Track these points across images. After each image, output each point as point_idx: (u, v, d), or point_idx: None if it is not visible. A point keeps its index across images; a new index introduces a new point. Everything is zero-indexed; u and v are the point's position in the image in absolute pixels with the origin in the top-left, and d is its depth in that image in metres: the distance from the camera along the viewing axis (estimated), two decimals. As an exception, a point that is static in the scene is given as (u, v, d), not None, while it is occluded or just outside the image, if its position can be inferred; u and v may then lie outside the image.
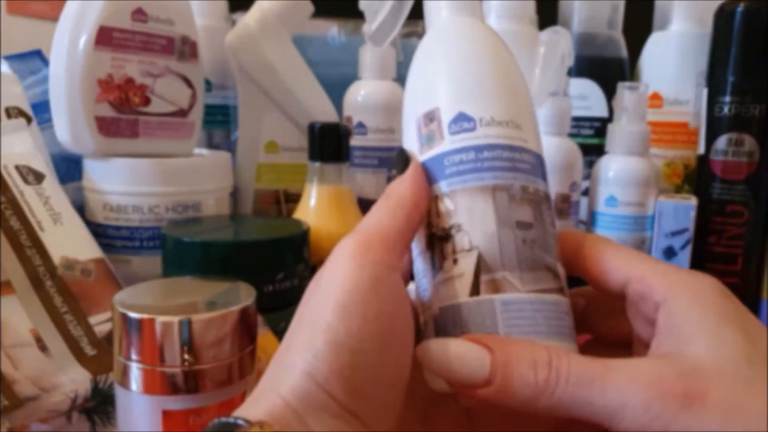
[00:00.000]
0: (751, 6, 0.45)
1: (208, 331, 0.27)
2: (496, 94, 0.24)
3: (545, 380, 0.20)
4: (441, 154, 0.24)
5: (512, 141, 0.24)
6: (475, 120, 0.24)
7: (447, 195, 0.23)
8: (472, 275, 0.22)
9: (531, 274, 0.22)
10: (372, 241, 0.21)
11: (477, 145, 0.23)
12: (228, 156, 0.50)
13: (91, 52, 0.42)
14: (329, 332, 0.20)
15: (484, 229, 0.22)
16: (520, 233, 0.22)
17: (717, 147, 0.46)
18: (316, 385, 0.19)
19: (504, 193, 0.23)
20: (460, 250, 0.23)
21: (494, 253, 0.22)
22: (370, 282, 0.20)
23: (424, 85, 0.26)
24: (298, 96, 0.52)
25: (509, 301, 0.22)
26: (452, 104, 0.24)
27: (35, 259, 0.36)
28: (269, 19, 0.51)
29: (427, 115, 0.25)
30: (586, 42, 0.58)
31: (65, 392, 0.32)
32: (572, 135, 0.51)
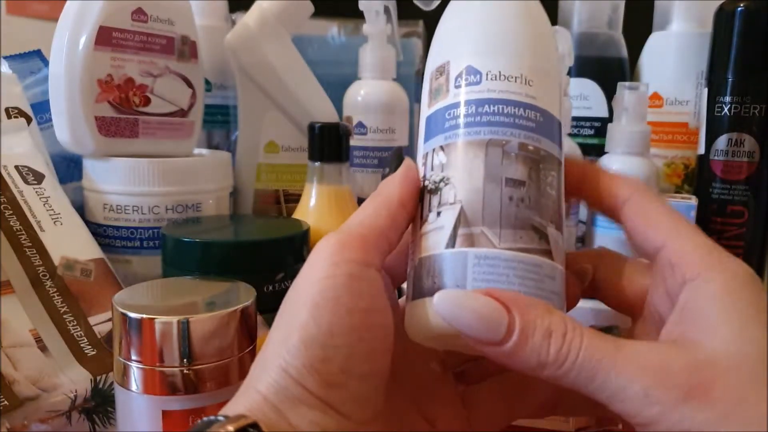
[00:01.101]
0: (751, 6, 0.45)
1: (207, 332, 0.27)
2: (510, 49, 0.24)
3: (557, 352, 0.20)
4: (444, 108, 0.24)
5: (518, 97, 0.23)
6: (481, 73, 0.23)
7: (443, 148, 0.23)
8: (452, 228, 0.22)
9: (512, 231, 0.22)
10: (349, 240, 0.22)
11: (479, 99, 0.23)
12: (228, 156, 0.50)
13: (91, 52, 0.42)
14: (302, 329, 0.21)
15: (471, 184, 0.22)
16: (508, 190, 0.22)
17: (717, 147, 0.46)
18: (291, 380, 0.20)
19: (498, 148, 0.22)
20: (444, 203, 0.23)
21: (477, 207, 0.22)
22: (343, 279, 0.21)
23: (440, 42, 0.26)
24: (298, 96, 0.52)
25: (482, 256, 0.21)
26: (462, 58, 0.24)
27: (35, 260, 0.36)
28: (269, 19, 0.51)
29: (438, 69, 0.25)
30: (587, 42, 0.58)
31: (65, 392, 0.32)
32: (572, 135, 0.51)
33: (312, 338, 0.20)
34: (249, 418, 0.19)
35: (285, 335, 0.21)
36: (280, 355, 0.21)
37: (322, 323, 0.20)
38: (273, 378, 0.21)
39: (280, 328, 0.22)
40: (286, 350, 0.21)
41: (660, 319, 0.23)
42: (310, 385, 0.20)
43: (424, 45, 0.62)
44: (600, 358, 0.19)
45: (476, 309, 0.20)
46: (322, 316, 0.21)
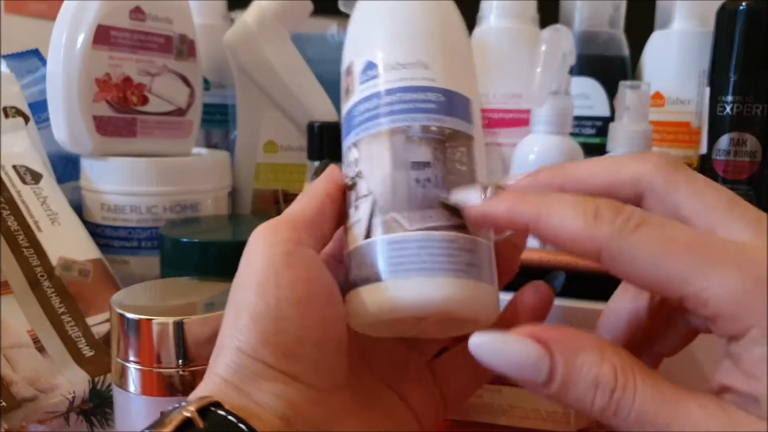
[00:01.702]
0: (753, 5, 0.44)
1: (205, 333, 0.27)
2: (402, 38, 0.25)
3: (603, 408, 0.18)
4: (352, 106, 0.25)
5: (415, 81, 0.24)
6: (378, 66, 0.24)
7: (355, 144, 0.24)
8: (367, 219, 0.23)
9: (420, 212, 0.22)
10: (279, 225, 0.24)
11: (378, 92, 0.24)
12: (227, 155, 0.50)
13: (89, 51, 0.42)
14: (250, 308, 0.21)
15: (380, 174, 0.23)
16: (414, 173, 0.23)
17: (719, 147, 0.46)
18: (247, 357, 0.21)
19: (402, 135, 0.23)
20: (360, 196, 0.23)
21: (387, 195, 0.23)
22: (280, 257, 0.22)
23: (346, 42, 0.27)
24: (298, 95, 0.52)
25: (394, 240, 0.22)
26: (363, 55, 0.25)
27: (33, 260, 0.36)
28: (268, 17, 0.50)
29: (345, 69, 0.26)
30: (588, 41, 0.58)
31: (63, 393, 0.32)
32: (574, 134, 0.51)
33: (261, 314, 0.21)
34: (210, 397, 0.20)
35: (235, 318, 0.22)
36: (233, 336, 0.21)
37: (269, 299, 0.21)
38: (229, 359, 0.21)
39: (230, 314, 0.23)
40: (238, 331, 0.21)
41: None
42: (267, 358, 0.21)
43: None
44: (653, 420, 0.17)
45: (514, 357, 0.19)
46: (267, 292, 0.21)
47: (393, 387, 0.26)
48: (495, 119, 0.56)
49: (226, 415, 0.20)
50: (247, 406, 0.20)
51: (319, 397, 0.22)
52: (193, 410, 0.19)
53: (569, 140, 0.49)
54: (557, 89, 0.47)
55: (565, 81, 0.48)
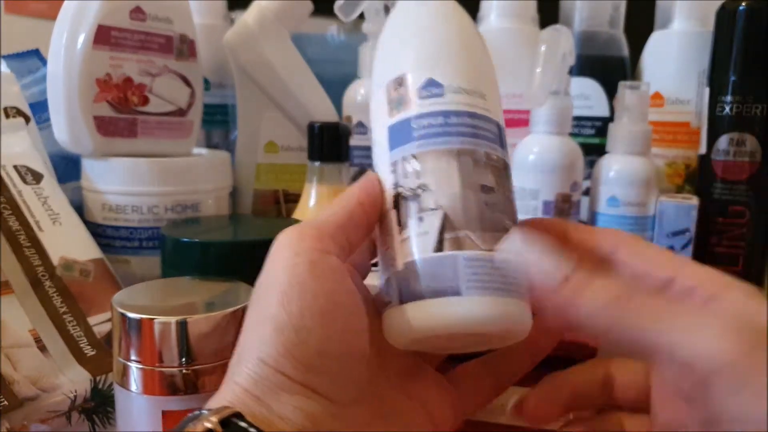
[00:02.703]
0: (753, 5, 0.44)
1: (207, 332, 0.27)
2: (463, 64, 0.25)
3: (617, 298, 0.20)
4: (410, 118, 0.25)
5: (477, 109, 0.25)
6: (443, 86, 0.25)
7: (415, 156, 0.24)
8: (437, 232, 0.23)
9: (491, 234, 0.23)
10: (305, 232, 0.23)
11: (445, 110, 0.24)
12: (227, 156, 0.50)
13: (89, 51, 0.42)
14: (273, 318, 0.21)
15: (450, 190, 0.23)
16: (483, 196, 0.24)
17: (719, 147, 0.46)
18: (269, 368, 0.21)
19: (469, 157, 0.24)
20: (425, 209, 0.23)
21: (458, 212, 0.23)
22: (305, 266, 0.22)
23: (394, 53, 0.27)
24: (298, 95, 0.52)
25: (471, 258, 0.23)
26: (422, 70, 0.25)
27: (34, 260, 0.36)
28: (268, 17, 0.50)
29: (396, 80, 0.26)
30: (588, 41, 0.58)
31: (65, 393, 0.32)
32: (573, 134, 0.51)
33: (284, 325, 0.21)
34: (232, 408, 0.20)
35: (257, 327, 0.22)
36: (254, 346, 0.21)
37: (292, 309, 0.21)
38: (250, 369, 0.21)
39: (252, 323, 0.22)
40: (260, 340, 0.21)
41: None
42: (288, 371, 0.21)
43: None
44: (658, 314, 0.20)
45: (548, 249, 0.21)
46: (291, 302, 0.21)
47: (412, 395, 0.26)
48: (495, 119, 0.56)
49: (248, 426, 0.19)
50: (268, 418, 0.20)
51: (338, 411, 0.22)
52: (216, 421, 0.19)
53: (569, 140, 0.49)
54: (557, 89, 0.47)
55: (565, 81, 0.48)
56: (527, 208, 0.47)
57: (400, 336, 0.23)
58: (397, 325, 0.23)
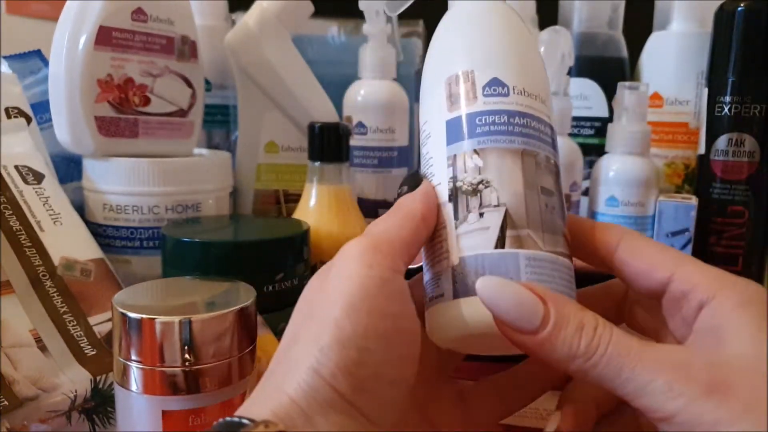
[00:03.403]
0: (751, 6, 0.45)
1: (207, 332, 0.27)
2: (526, 68, 0.26)
3: (587, 345, 0.20)
4: (474, 113, 0.25)
5: (539, 113, 0.25)
6: (509, 87, 0.25)
7: (478, 152, 0.24)
8: (499, 229, 0.23)
9: (551, 236, 0.23)
10: (380, 245, 0.22)
11: (510, 110, 0.24)
12: (228, 156, 0.50)
13: (91, 52, 0.42)
14: (337, 328, 0.20)
15: (513, 188, 0.23)
16: (544, 198, 0.24)
17: (717, 147, 0.46)
18: (322, 381, 0.20)
19: (531, 158, 0.24)
20: (487, 204, 0.23)
21: (520, 211, 0.23)
22: (377, 281, 0.21)
23: (454, 49, 0.26)
24: (298, 96, 0.52)
25: (532, 257, 0.23)
26: (487, 69, 0.25)
27: (35, 260, 0.36)
28: (269, 18, 0.51)
29: (458, 76, 0.25)
30: (587, 42, 0.58)
31: (65, 392, 0.32)
32: (573, 135, 0.51)
33: (347, 339, 0.20)
34: (276, 425, 0.18)
35: (316, 334, 0.20)
36: (311, 354, 0.20)
37: (359, 324, 0.20)
38: (303, 379, 0.20)
39: (308, 326, 0.21)
40: (319, 349, 0.20)
41: None
42: (342, 389, 0.20)
43: (424, 45, 0.61)
44: (627, 353, 0.20)
45: (516, 296, 0.21)
46: (359, 317, 0.20)
47: (421, 411, 0.25)
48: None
49: None
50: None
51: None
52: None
53: (568, 141, 0.49)
54: (556, 90, 0.48)
55: (564, 82, 0.48)
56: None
57: (450, 331, 0.23)
58: (448, 321, 0.23)
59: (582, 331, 0.21)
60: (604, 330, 0.21)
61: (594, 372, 0.20)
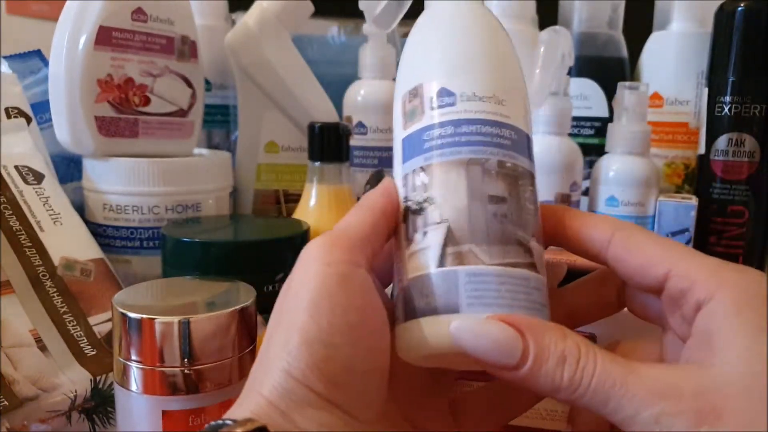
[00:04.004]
0: (751, 6, 0.45)
1: (207, 332, 0.27)
2: (480, 70, 0.24)
3: (570, 379, 0.20)
4: (421, 129, 0.24)
5: (493, 116, 0.24)
6: (456, 95, 0.24)
7: (424, 169, 0.24)
8: (440, 247, 0.22)
9: (499, 247, 0.22)
10: (336, 242, 0.22)
11: (456, 119, 0.24)
12: (228, 156, 0.50)
13: (90, 52, 0.42)
14: (302, 330, 0.21)
15: (455, 203, 0.23)
16: (492, 207, 0.23)
17: (717, 147, 0.46)
18: (295, 381, 0.20)
19: (478, 167, 0.23)
20: (430, 222, 0.23)
21: (463, 226, 0.22)
22: (336, 278, 0.21)
23: (411, 63, 0.26)
24: (298, 96, 0.52)
25: (473, 273, 0.22)
26: (435, 80, 0.24)
27: (35, 260, 0.36)
28: (269, 18, 0.51)
29: (411, 91, 0.25)
30: (587, 42, 0.58)
31: (65, 392, 0.32)
32: (573, 135, 0.51)
33: (313, 338, 0.20)
34: (257, 421, 0.19)
35: (285, 337, 0.21)
36: (281, 357, 0.21)
37: (322, 322, 0.20)
38: (276, 381, 0.20)
39: (278, 331, 0.22)
40: (287, 352, 0.20)
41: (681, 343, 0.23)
42: (315, 386, 0.20)
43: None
44: (612, 384, 0.20)
45: (492, 337, 0.21)
46: (321, 315, 0.21)
47: (410, 419, 0.25)
48: (495, 120, 0.56)
49: None
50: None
51: (360, 428, 0.21)
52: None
53: (568, 141, 0.49)
54: (556, 90, 0.48)
55: (564, 82, 0.48)
56: (527, 208, 0.47)
57: (404, 352, 0.23)
58: (400, 343, 0.23)
59: (564, 364, 0.20)
60: (587, 361, 0.20)
61: (581, 402, 0.20)
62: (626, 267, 0.23)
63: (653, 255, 0.23)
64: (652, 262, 0.22)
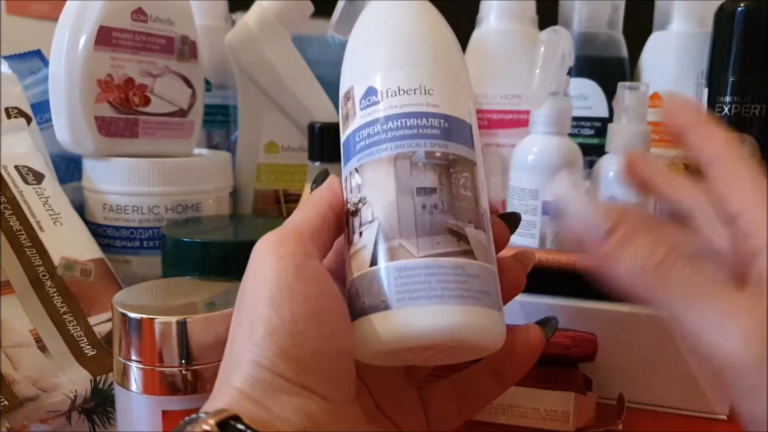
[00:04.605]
0: (751, 6, 0.45)
1: (207, 332, 0.27)
2: (405, 62, 0.24)
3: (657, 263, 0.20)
4: (354, 131, 0.25)
5: (419, 108, 0.24)
6: (379, 92, 0.24)
7: (357, 170, 0.24)
8: (372, 245, 0.22)
9: (429, 238, 0.22)
10: (286, 236, 0.23)
11: (380, 117, 0.24)
12: (228, 156, 0.50)
13: (90, 52, 0.42)
14: (265, 322, 0.21)
15: (384, 200, 0.23)
16: (420, 199, 0.22)
17: (717, 147, 0.46)
18: (265, 370, 0.21)
19: (406, 161, 0.23)
20: (365, 222, 0.23)
21: (393, 221, 0.22)
22: (291, 270, 0.22)
23: (345, 66, 0.26)
24: (298, 96, 0.52)
25: (402, 267, 0.22)
26: (364, 80, 0.25)
27: (35, 260, 0.36)
28: (269, 18, 0.51)
29: (345, 95, 0.25)
30: (587, 42, 0.58)
31: (65, 393, 0.32)
32: (572, 135, 0.51)
33: (277, 329, 0.21)
34: (229, 411, 0.20)
35: (249, 331, 0.21)
36: (248, 350, 0.21)
37: (284, 313, 0.21)
38: (247, 372, 0.21)
39: (241, 327, 0.22)
40: (254, 344, 0.21)
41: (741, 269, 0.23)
42: (285, 373, 0.21)
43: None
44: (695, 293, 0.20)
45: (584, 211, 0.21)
46: (282, 307, 0.21)
47: (384, 411, 0.26)
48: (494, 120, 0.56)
49: (246, 429, 0.19)
50: (268, 420, 0.20)
51: (335, 410, 0.22)
52: (213, 423, 0.19)
53: (568, 141, 0.49)
54: (556, 90, 0.48)
55: (564, 82, 0.48)
56: (527, 208, 0.47)
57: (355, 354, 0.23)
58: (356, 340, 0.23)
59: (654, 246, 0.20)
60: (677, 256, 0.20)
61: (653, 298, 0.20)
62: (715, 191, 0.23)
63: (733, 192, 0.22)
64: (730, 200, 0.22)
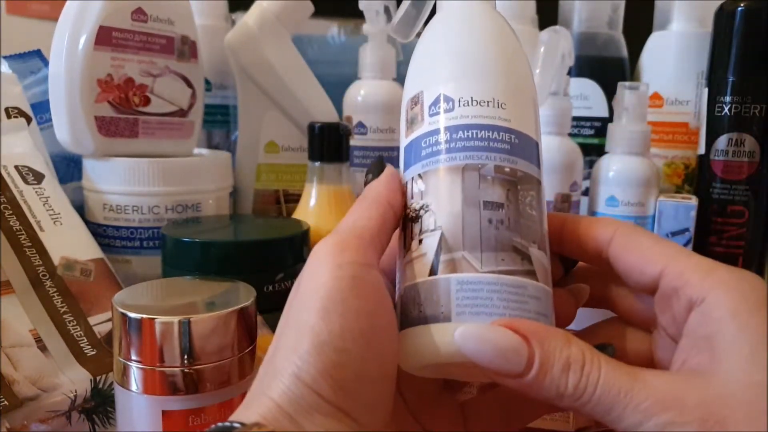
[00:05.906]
0: (751, 6, 0.45)
1: (207, 332, 0.27)
2: (481, 74, 0.24)
3: (575, 385, 0.20)
4: (420, 136, 0.24)
5: (492, 120, 0.23)
6: (453, 100, 0.24)
7: (421, 176, 0.24)
8: (434, 254, 0.22)
9: (493, 254, 0.22)
10: (347, 241, 0.22)
11: (452, 125, 0.23)
12: (228, 156, 0.50)
13: (90, 52, 0.42)
14: (313, 334, 0.20)
15: (450, 209, 0.22)
16: (487, 213, 0.22)
17: (717, 147, 0.46)
18: (305, 386, 0.20)
19: (475, 172, 0.23)
20: (425, 230, 0.23)
21: (456, 233, 0.22)
22: (348, 281, 0.21)
23: (415, 70, 0.26)
24: (298, 96, 0.52)
25: (465, 281, 0.21)
26: (435, 86, 0.24)
27: (35, 260, 0.36)
28: (269, 18, 0.51)
29: (412, 98, 0.25)
30: (587, 42, 0.58)
31: (65, 392, 0.32)
32: (573, 135, 0.51)
33: (324, 343, 0.20)
34: (265, 426, 0.19)
35: (295, 341, 0.20)
36: (291, 361, 0.20)
37: (334, 327, 0.20)
38: (286, 385, 0.20)
39: (288, 335, 0.21)
40: (298, 356, 0.20)
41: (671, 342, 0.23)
42: (324, 392, 0.20)
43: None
44: (617, 392, 0.20)
45: (497, 343, 0.20)
46: (332, 320, 0.20)
47: (420, 422, 0.25)
48: (495, 120, 0.56)
49: None
50: None
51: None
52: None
53: (568, 141, 0.49)
54: (556, 90, 0.48)
55: (564, 82, 0.48)
56: (527, 208, 0.47)
57: (401, 364, 0.22)
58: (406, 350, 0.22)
59: (569, 371, 0.20)
60: (592, 368, 0.20)
61: (585, 409, 0.20)
62: (624, 264, 0.23)
63: (650, 253, 0.23)
64: (649, 260, 0.23)
